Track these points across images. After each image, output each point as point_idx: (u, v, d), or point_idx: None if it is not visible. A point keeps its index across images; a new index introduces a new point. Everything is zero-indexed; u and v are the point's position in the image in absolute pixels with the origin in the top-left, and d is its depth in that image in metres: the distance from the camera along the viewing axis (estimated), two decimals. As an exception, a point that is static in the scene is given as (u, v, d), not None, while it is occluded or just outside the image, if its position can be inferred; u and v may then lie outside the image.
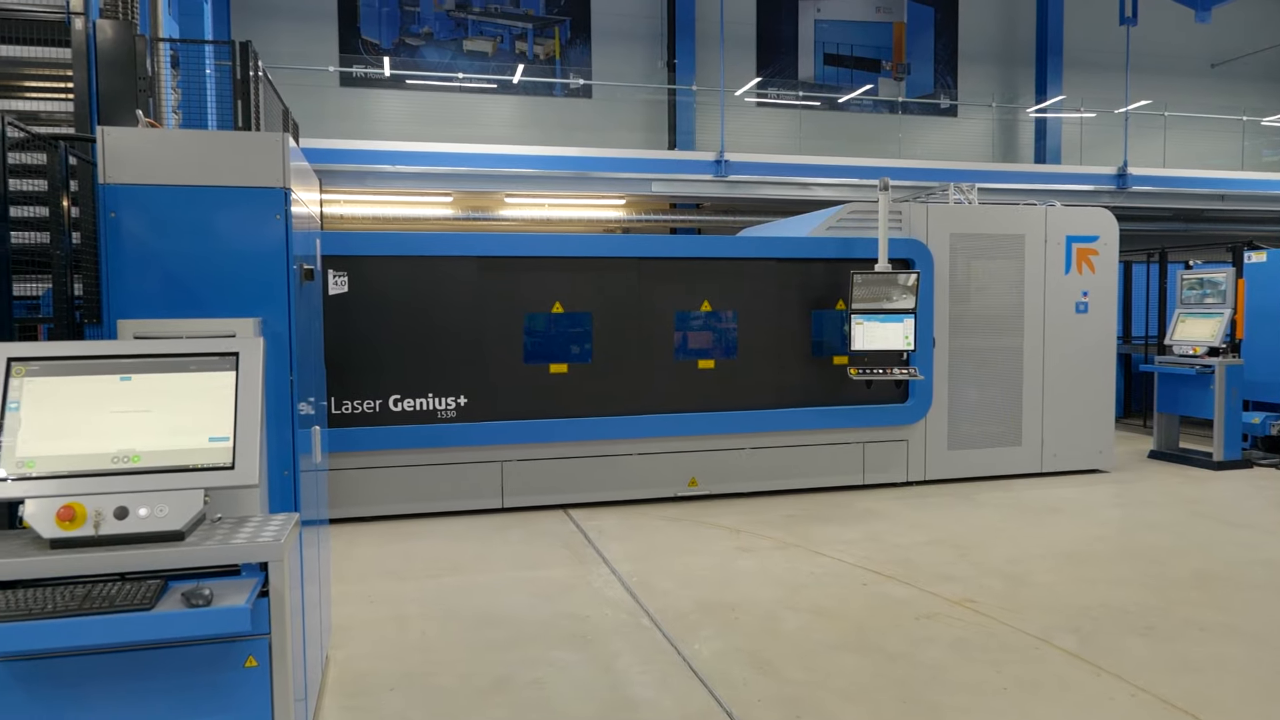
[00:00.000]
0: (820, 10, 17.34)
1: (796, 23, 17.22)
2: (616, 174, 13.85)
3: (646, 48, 16.28)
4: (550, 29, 15.67)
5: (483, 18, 15.25)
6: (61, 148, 3.77)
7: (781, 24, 17.07)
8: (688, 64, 16.07)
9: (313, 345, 4.10)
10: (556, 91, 15.81)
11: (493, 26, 15.35)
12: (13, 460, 2.42)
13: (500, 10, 15.33)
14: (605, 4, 15.95)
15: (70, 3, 4.76)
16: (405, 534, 6.75)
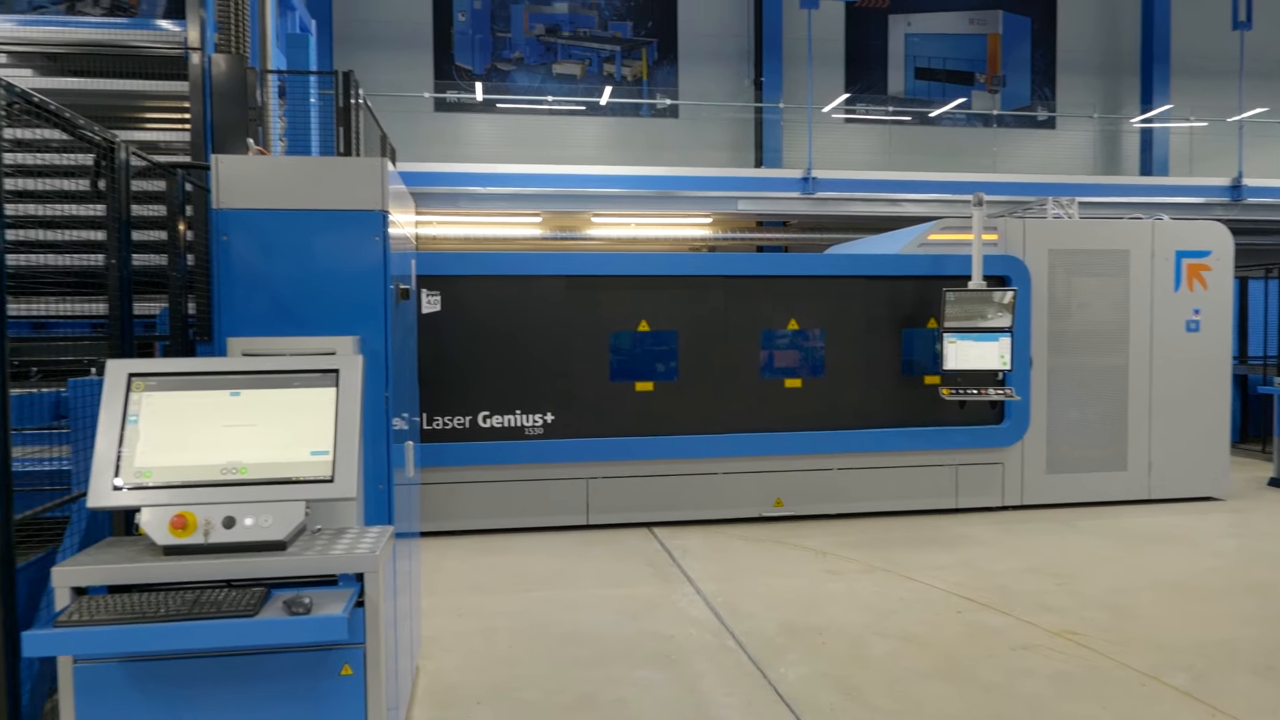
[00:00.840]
0: (911, 24, 17.08)
1: (886, 37, 16.99)
2: (702, 193, 13.88)
3: (733, 66, 16.30)
4: (637, 51, 15.86)
5: (572, 41, 15.55)
6: (179, 175, 3.99)
7: (870, 39, 16.88)
8: (775, 81, 16.02)
9: (407, 362, 4.22)
10: (643, 112, 15.97)
11: (581, 50, 15.63)
12: (131, 470, 2.56)
13: (589, 34, 15.60)
14: (692, 25, 16.06)
15: (188, 39, 5.05)
16: (493, 548, 6.86)
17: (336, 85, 6.40)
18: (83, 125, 3.04)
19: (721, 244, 14.85)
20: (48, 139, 3.11)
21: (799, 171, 14.31)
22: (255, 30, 6.59)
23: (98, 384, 3.42)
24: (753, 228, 15.23)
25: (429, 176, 12.65)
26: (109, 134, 3.29)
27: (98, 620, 2.30)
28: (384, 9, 14.71)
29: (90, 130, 3.13)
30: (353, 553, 2.59)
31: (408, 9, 14.80)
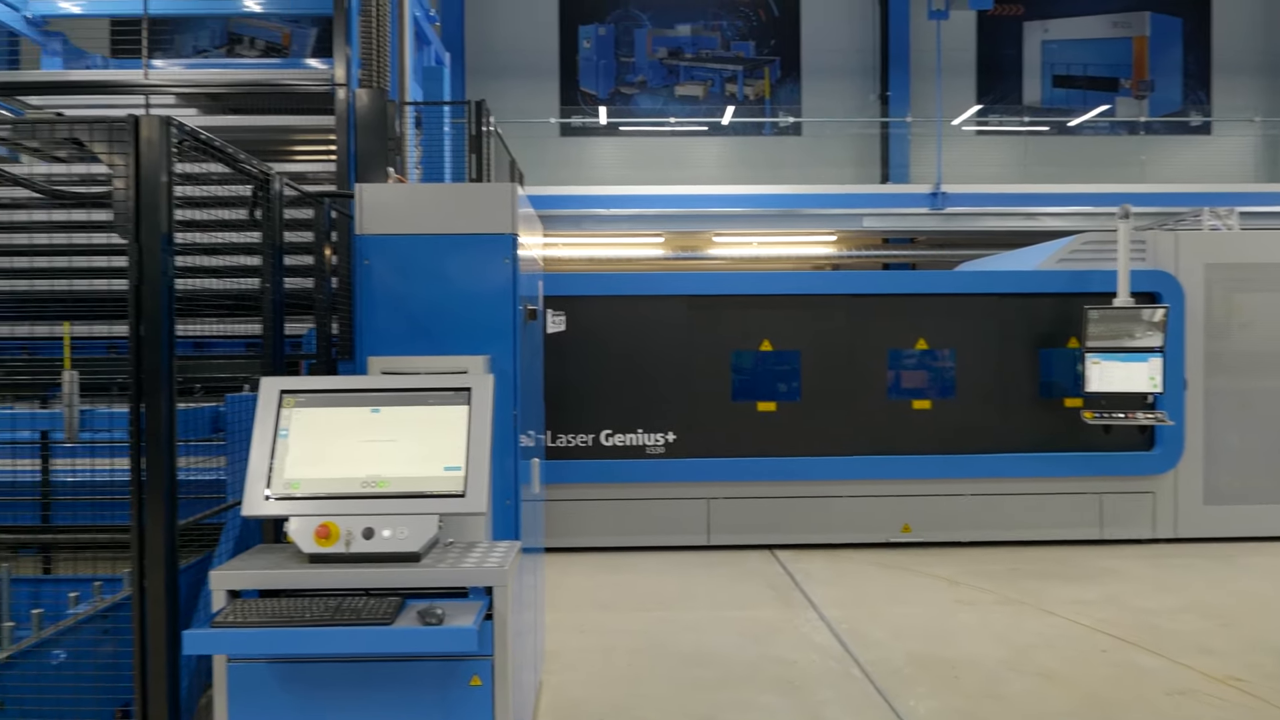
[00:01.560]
0: (1048, 30, 16.36)
1: (1021, 45, 16.34)
2: (826, 210, 13.68)
3: (858, 82, 16.04)
4: (760, 70, 15.84)
5: (694, 63, 15.68)
6: (326, 204, 4.24)
7: (1004, 48, 16.27)
8: (902, 96, 15.66)
9: (534, 381, 4.32)
10: (766, 131, 15.91)
11: (704, 71, 15.74)
12: (281, 481, 2.72)
13: (711, 55, 15.70)
14: (816, 41, 15.91)
15: (335, 76, 5.38)
16: (614, 566, 6.92)
17: (469, 114, 6.66)
18: (243, 159, 3.28)
19: (845, 262, 14.57)
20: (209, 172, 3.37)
21: (927, 186, 13.90)
22: (394, 65, 6.94)
23: (251, 400, 3.65)
24: (878, 245, 14.88)
25: (555, 200, 12.98)
26: (265, 167, 3.54)
27: (250, 622, 2.45)
28: (513, 40, 15.24)
29: (250, 164, 3.36)
30: (482, 566, 2.66)
31: (535, 38, 15.29)
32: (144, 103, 5.89)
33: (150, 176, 2.64)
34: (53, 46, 7.75)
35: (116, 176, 2.61)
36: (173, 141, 2.71)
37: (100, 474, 5.14)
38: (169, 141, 2.67)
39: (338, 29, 5.27)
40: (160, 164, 2.64)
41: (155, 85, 5.48)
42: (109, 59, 8.30)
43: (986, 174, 15.38)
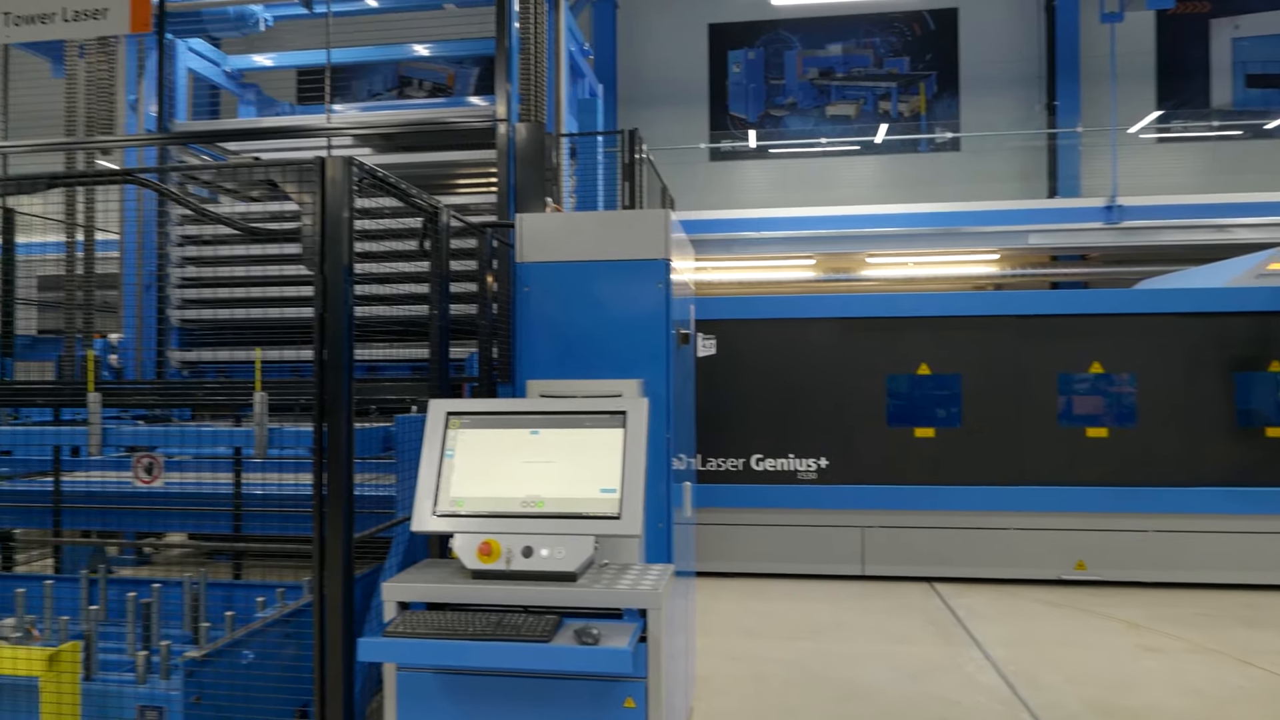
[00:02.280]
0: (1239, 27, 15.06)
1: (1208, 45, 15.11)
2: (988, 228, 13.07)
3: (1021, 92, 15.30)
4: (915, 85, 15.40)
5: (846, 82, 15.43)
6: (488, 234, 4.43)
7: (1189, 48, 15.10)
8: (1071, 105, 14.80)
9: (686, 404, 4.34)
10: (922, 147, 15.42)
11: (856, 90, 15.46)
12: (447, 499, 2.85)
13: (864, 73, 15.40)
14: (975, 53, 15.32)
15: (497, 112, 5.63)
16: (764, 593, 6.81)
17: (622, 143, 6.81)
18: (414, 194, 3.48)
19: (1009, 281, 13.85)
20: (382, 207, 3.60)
21: (1100, 200, 13.04)
22: (551, 99, 7.21)
23: (418, 420, 3.85)
24: (1046, 263, 14.06)
25: (705, 224, 13.05)
26: (433, 200, 3.74)
27: (418, 633, 2.57)
28: (663, 68, 15.51)
29: (420, 198, 3.57)
30: (637, 588, 2.68)
31: (685, 66, 15.50)
32: (326, 144, 6.37)
33: (334, 212, 2.85)
34: (247, 97, 8.53)
35: (305, 213, 2.83)
36: (353, 179, 2.92)
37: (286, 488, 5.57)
38: (350, 180, 2.87)
39: (499, 68, 5.53)
40: (343, 201, 2.84)
41: (336, 128, 5.91)
42: (295, 105, 9.04)
43: (1168, 184, 14.27)
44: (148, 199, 6.49)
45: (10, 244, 6.41)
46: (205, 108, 8.20)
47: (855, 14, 15.16)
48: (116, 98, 7.20)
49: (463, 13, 7.51)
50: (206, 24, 7.34)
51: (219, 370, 6.34)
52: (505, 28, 5.48)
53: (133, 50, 7.15)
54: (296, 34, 8.38)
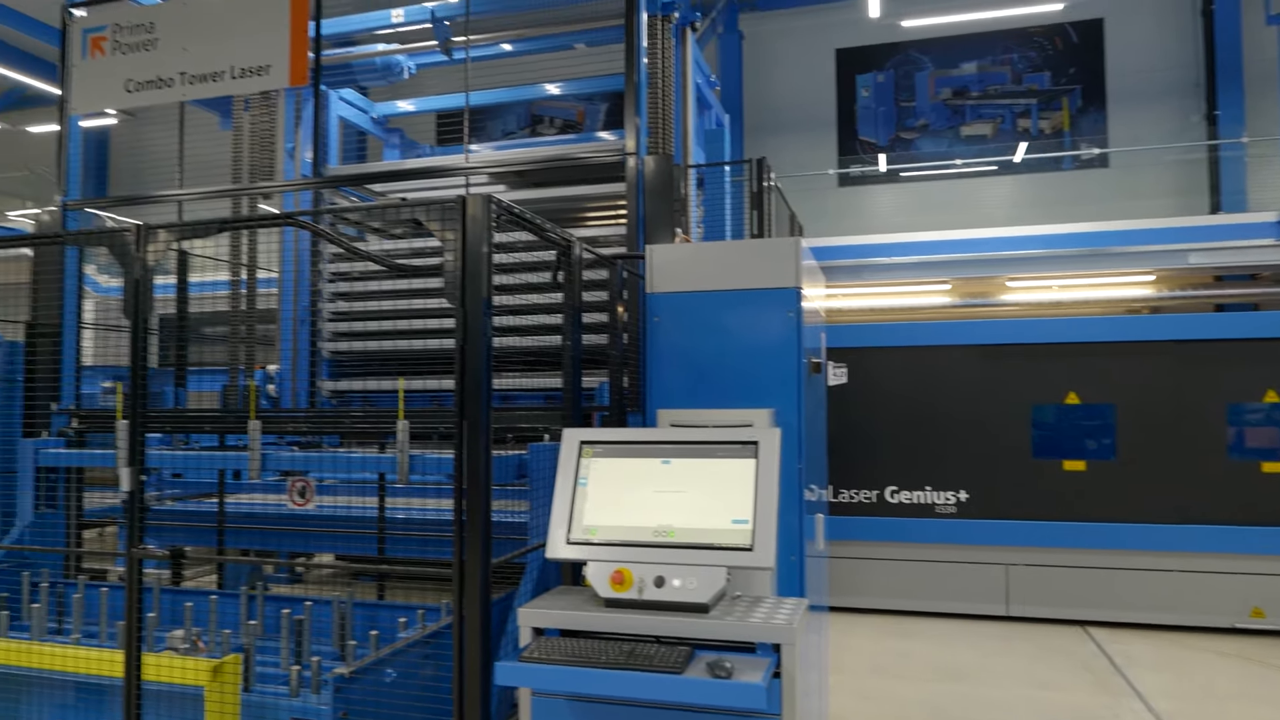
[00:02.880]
0: None
1: (1396, 40, 13.79)
2: (1141, 247, 12.27)
3: (1176, 103, 14.38)
4: (1058, 100, 14.72)
5: (981, 101, 14.92)
6: (619, 265, 4.50)
7: (1372, 46, 13.81)
8: (1234, 114, 13.79)
9: (818, 434, 4.26)
10: (1065, 165, 14.70)
11: (992, 108, 14.92)
12: (580, 527, 2.88)
13: (1001, 90, 14.85)
14: (1123, 64, 14.52)
15: (626, 146, 5.74)
16: (900, 631, 6.55)
17: (749, 172, 6.81)
18: (549, 229, 3.58)
19: (1167, 304, 12.94)
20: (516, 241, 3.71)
21: (1271, 214, 12.05)
22: (678, 131, 7.29)
23: (551, 449, 3.93)
24: (1209, 283, 13.07)
25: (835, 250, 12.82)
26: (566, 234, 3.84)
27: (553, 659, 2.60)
28: (790, 96, 15.44)
29: (554, 232, 3.67)
30: (770, 622, 2.63)
31: (813, 91, 15.38)
32: (463, 183, 6.65)
33: (474, 248, 2.96)
34: (392, 140, 9.04)
35: (447, 249, 2.96)
36: (492, 216, 3.03)
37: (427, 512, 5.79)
38: (489, 216, 2.99)
39: (628, 103, 5.64)
40: (482, 237, 2.96)
41: (474, 167, 6.17)
42: (434, 146, 9.50)
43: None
44: (303, 239, 6.95)
45: (184, 283, 7.00)
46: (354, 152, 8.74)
47: (990, 30, 14.67)
48: (276, 146, 7.77)
49: (592, 52, 7.73)
50: (356, 74, 7.85)
51: (365, 399, 6.67)
52: (634, 63, 5.59)
53: (290, 102, 7.72)
54: (436, 80, 8.82)
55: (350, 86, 8.15)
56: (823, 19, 15.24)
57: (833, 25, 15.23)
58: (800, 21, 15.35)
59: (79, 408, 5.68)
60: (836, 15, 15.13)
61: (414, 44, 7.56)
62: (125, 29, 5.84)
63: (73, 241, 5.06)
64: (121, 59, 5.83)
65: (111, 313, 6.78)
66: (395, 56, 7.67)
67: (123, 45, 5.84)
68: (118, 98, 5.89)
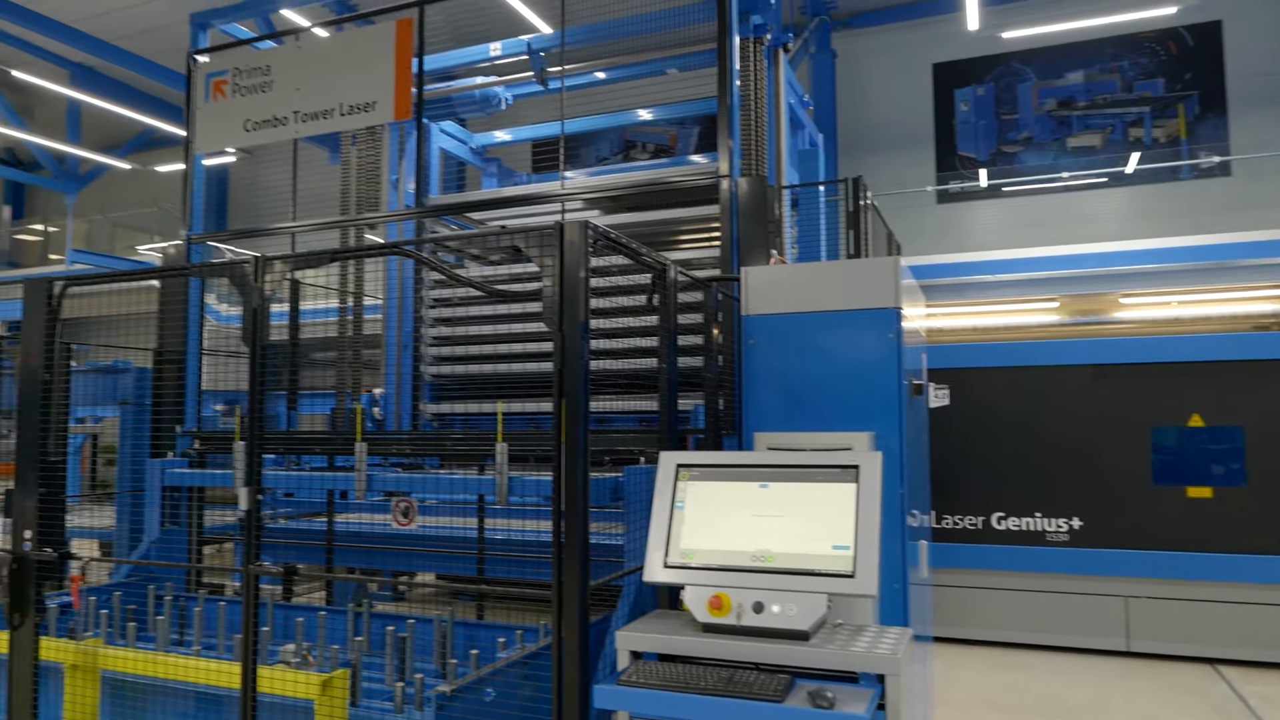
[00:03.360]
0: None
1: None
2: (1270, 260, 11.56)
3: (1304, 107, 13.53)
4: (1173, 108, 14.04)
5: (1089, 111, 14.36)
6: (713, 288, 4.50)
7: None
8: (1368, 116, 12.89)
9: (920, 458, 4.13)
10: (1183, 175, 13.98)
11: (1101, 118, 14.33)
12: (678, 551, 2.87)
13: (1110, 99, 14.26)
14: (1245, 66, 13.75)
15: (719, 168, 5.75)
16: (1009, 663, 6.27)
17: (845, 191, 6.71)
18: (644, 253, 3.61)
19: (1298, 319, 12.13)
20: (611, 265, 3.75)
21: None
22: (772, 152, 7.26)
23: (645, 471, 3.93)
24: (1346, 297, 12.20)
25: (934, 269, 12.52)
26: (660, 257, 3.86)
27: (651, 684, 2.58)
28: (886, 113, 15.20)
29: (649, 256, 3.69)
30: (874, 652, 2.55)
31: (909, 108, 15.09)
32: (558, 209, 6.77)
33: (572, 273, 3.00)
34: (490, 169, 9.29)
35: (546, 275, 3.01)
36: (588, 241, 3.07)
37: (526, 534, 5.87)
38: (586, 242, 3.02)
39: (721, 125, 5.65)
40: (579, 261, 3.00)
41: (569, 193, 6.27)
42: (530, 175, 9.72)
43: None
44: (406, 266, 7.19)
45: (296, 310, 7.33)
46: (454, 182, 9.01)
47: (1097, 38, 14.13)
48: (381, 178, 8.09)
49: (684, 76, 7.79)
50: (456, 107, 8.11)
51: (464, 421, 6.83)
52: (726, 86, 5.60)
53: (394, 135, 8.03)
54: (532, 109, 9.04)
55: (450, 119, 8.42)
56: (918, 34, 14.98)
57: (929, 39, 14.95)
58: (895, 37, 15.13)
59: (200, 430, 5.99)
60: (933, 29, 14.85)
61: (511, 75, 7.77)
62: (244, 72, 6.20)
63: (198, 273, 5.37)
64: (240, 100, 6.19)
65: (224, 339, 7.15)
66: (493, 88, 7.90)
67: (242, 88, 6.20)
68: (237, 137, 6.24)
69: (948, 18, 14.42)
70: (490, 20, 9.36)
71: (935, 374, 6.86)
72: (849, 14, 15.05)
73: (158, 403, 6.27)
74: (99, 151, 17.15)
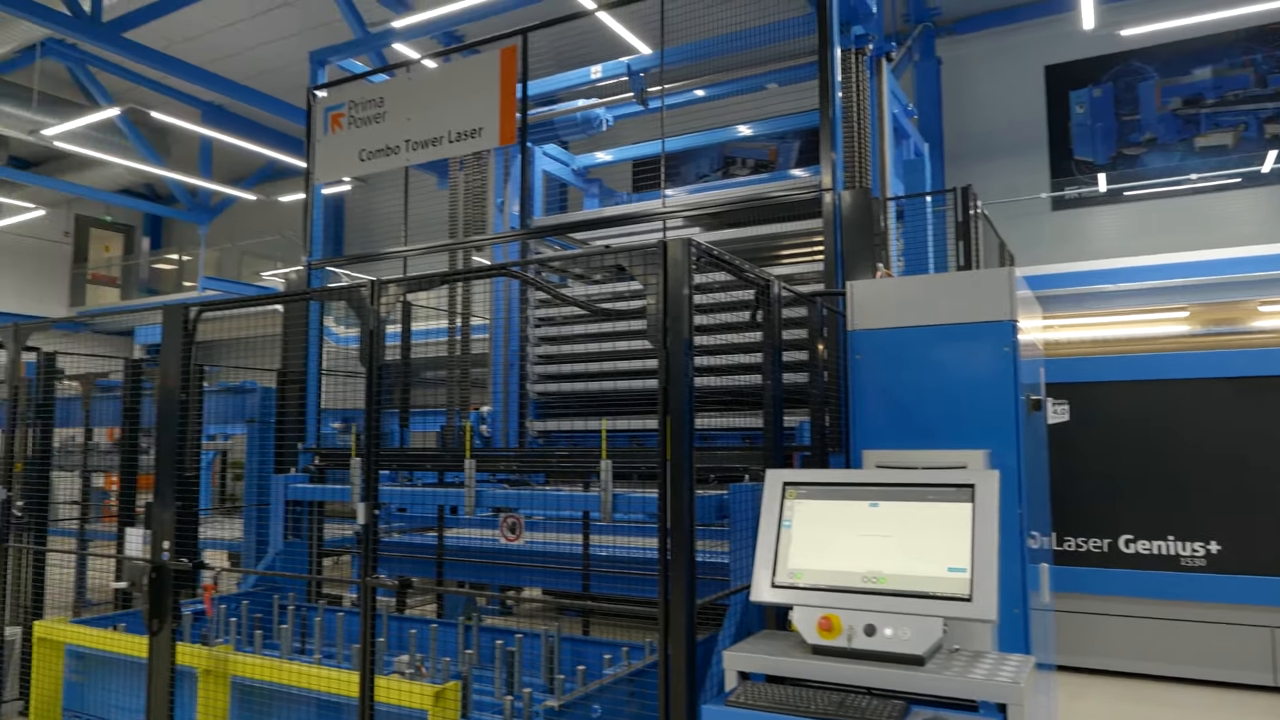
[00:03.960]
0: None
1: None
2: None
3: None
4: (1315, 100, 13.09)
5: (1219, 108, 13.53)
6: (818, 303, 4.43)
7: None
8: None
9: (1039, 477, 3.96)
10: (1327, 173, 13.00)
11: (1232, 115, 13.49)
12: (785, 571, 2.82)
13: (1243, 95, 13.41)
14: (1395, 55, 12.72)
15: (822, 182, 5.68)
16: (1140, 696, 5.90)
17: (954, 201, 6.52)
18: (747, 269, 3.58)
19: None
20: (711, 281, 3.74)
21: None
22: (875, 163, 7.13)
23: (750, 489, 3.89)
24: None
25: (1051, 279, 12.01)
26: (764, 273, 3.82)
27: (760, 706, 2.54)
28: (994, 119, 14.71)
29: (752, 272, 3.66)
30: (994, 679, 2.44)
31: (1020, 113, 14.56)
32: (660, 227, 6.81)
33: (675, 290, 3.01)
34: (591, 190, 9.43)
35: (649, 293, 3.03)
36: (692, 259, 3.07)
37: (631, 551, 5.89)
38: (690, 259, 3.03)
39: (823, 138, 5.58)
40: (683, 279, 3.00)
41: (671, 211, 6.30)
42: (630, 194, 9.82)
43: None
44: (511, 287, 7.36)
45: (408, 331, 7.60)
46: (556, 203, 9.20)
47: (1225, 31, 13.33)
48: (487, 201, 8.33)
49: (784, 90, 7.74)
50: (558, 129, 8.29)
51: (569, 438, 6.92)
52: (828, 99, 5.53)
53: (499, 160, 8.25)
54: (632, 129, 9.15)
55: (553, 141, 8.61)
56: (1028, 35, 14.46)
57: (1040, 41, 14.40)
58: (1003, 41, 14.65)
59: (319, 446, 6.27)
60: (1043, 30, 14.31)
61: (611, 97, 7.89)
62: (359, 105, 6.49)
63: (319, 297, 5.63)
64: (356, 131, 6.48)
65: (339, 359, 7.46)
66: (594, 110, 8.03)
67: (357, 119, 6.49)
68: (353, 166, 6.54)
69: (1060, 18, 13.88)
70: (591, 43, 9.54)
71: (1053, 388, 6.56)
72: (954, 19, 14.67)
73: (281, 421, 6.58)
74: (227, 184, 18.27)
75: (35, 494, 5.59)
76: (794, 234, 6.57)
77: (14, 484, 5.52)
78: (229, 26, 14.22)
